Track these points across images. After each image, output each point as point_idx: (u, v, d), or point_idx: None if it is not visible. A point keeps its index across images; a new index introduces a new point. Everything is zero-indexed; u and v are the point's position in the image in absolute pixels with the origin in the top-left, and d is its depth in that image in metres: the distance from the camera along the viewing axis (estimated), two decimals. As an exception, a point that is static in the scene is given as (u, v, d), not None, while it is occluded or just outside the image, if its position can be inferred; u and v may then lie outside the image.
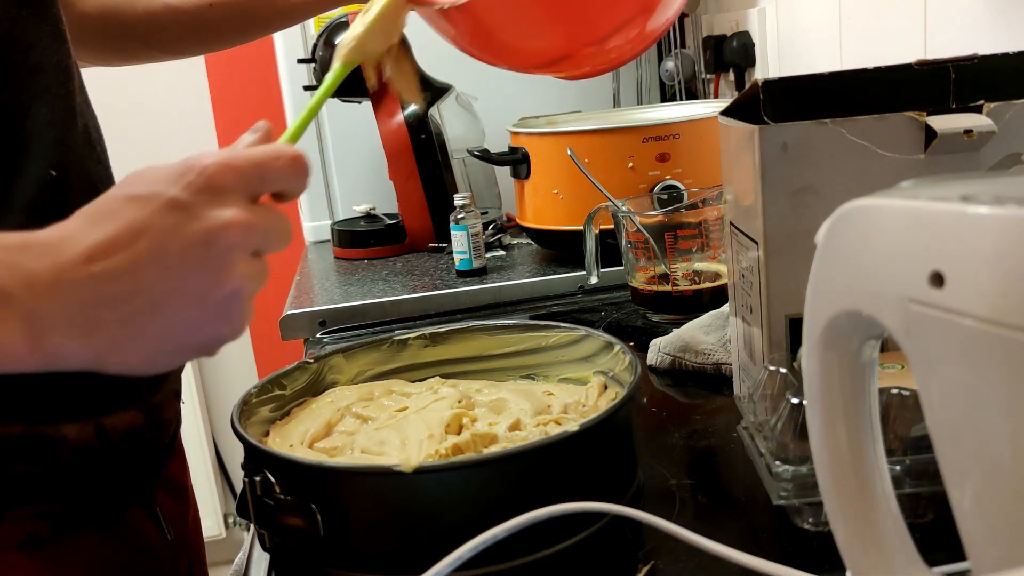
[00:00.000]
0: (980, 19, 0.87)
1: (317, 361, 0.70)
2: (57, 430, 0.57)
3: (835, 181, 0.58)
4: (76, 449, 0.58)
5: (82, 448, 0.58)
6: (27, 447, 0.56)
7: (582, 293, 1.15)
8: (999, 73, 0.60)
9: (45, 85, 0.56)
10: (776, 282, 0.60)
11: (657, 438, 0.70)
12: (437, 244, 1.41)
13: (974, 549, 0.32)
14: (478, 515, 0.49)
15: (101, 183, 0.61)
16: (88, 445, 0.58)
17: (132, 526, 0.64)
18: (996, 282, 0.28)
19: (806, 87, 0.61)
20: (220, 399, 2.43)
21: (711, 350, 0.82)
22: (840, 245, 0.35)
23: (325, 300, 1.18)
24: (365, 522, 0.52)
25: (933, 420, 0.32)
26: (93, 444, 0.59)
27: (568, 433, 0.51)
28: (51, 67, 0.56)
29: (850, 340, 0.37)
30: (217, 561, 2.55)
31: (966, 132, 0.56)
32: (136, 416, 0.62)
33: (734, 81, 1.48)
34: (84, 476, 0.59)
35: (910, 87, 0.60)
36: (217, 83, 2.23)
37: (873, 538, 0.38)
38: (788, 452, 0.53)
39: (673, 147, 1.13)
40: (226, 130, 2.28)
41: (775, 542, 0.55)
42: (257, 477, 0.54)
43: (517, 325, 0.74)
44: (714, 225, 0.96)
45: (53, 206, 0.55)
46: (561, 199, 1.19)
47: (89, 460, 0.59)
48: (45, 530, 0.57)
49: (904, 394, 0.51)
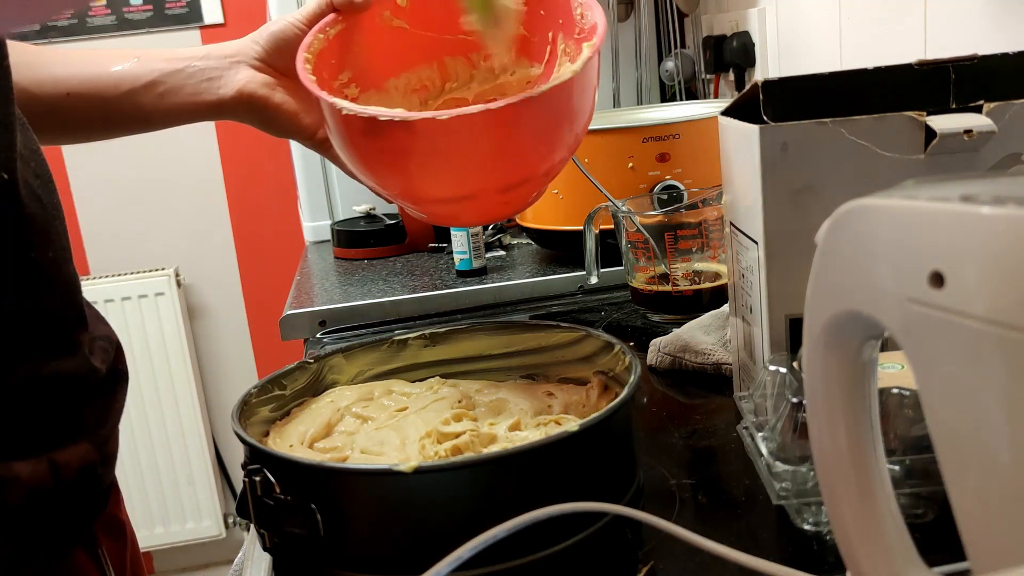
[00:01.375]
0: (980, 19, 0.87)
1: (317, 361, 0.70)
2: (8, 469, 0.54)
3: (835, 181, 0.58)
4: (29, 489, 0.55)
5: (36, 488, 0.55)
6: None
7: (582, 293, 1.15)
8: (999, 73, 0.60)
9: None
10: (776, 282, 0.60)
11: (657, 438, 0.70)
12: (437, 244, 1.41)
13: (974, 549, 0.32)
14: (478, 515, 0.49)
15: (44, 195, 0.58)
16: (42, 484, 0.55)
17: (76, 571, 0.61)
18: (996, 282, 0.28)
19: (806, 87, 0.61)
20: (220, 399, 2.44)
21: (711, 350, 0.82)
22: (840, 245, 0.35)
23: (325, 300, 1.18)
24: (365, 522, 0.52)
25: (933, 420, 0.32)
26: (47, 483, 0.56)
27: (568, 433, 0.51)
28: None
29: (850, 340, 0.37)
30: (217, 561, 2.57)
31: (966, 132, 0.56)
32: (88, 450, 0.60)
33: (734, 81, 1.48)
34: (35, 518, 0.56)
35: (910, 87, 0.60)
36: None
37: (873, 538, 0.38)
38: (788, 452, 0.54)
39: (673, 147, 1.13)
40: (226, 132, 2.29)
41: (775, 542, 0.55)
42: (257, 477, 0.54)
43: (517, 325, 0.74)
44: (714, 225, 0.96)
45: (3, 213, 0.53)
46: (561, 199, 1.19)
47: (42, 501, 0.56)
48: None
49: (904, 394, 0.51)
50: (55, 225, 0.59)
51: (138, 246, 2.32)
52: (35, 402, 0.56)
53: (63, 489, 0.57)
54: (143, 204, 2.29)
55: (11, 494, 0.54)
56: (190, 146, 2.29)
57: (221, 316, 2.42)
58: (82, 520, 0.62)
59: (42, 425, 0.57)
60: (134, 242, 2.31)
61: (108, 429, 0.63)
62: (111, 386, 0.64)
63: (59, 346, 0.59)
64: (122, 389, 0.66)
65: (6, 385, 0.54)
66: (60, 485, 0.57)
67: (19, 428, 0.55)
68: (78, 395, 0.60)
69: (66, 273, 0.60)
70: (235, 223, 2.36)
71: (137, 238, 2.31)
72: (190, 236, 2.35)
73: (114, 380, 0.65)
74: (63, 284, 0.59)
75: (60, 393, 0.58)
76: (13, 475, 0.54)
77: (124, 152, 2.24)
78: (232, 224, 2.36)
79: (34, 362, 0.56)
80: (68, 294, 0.60)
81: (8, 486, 0.54)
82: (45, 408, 0.57)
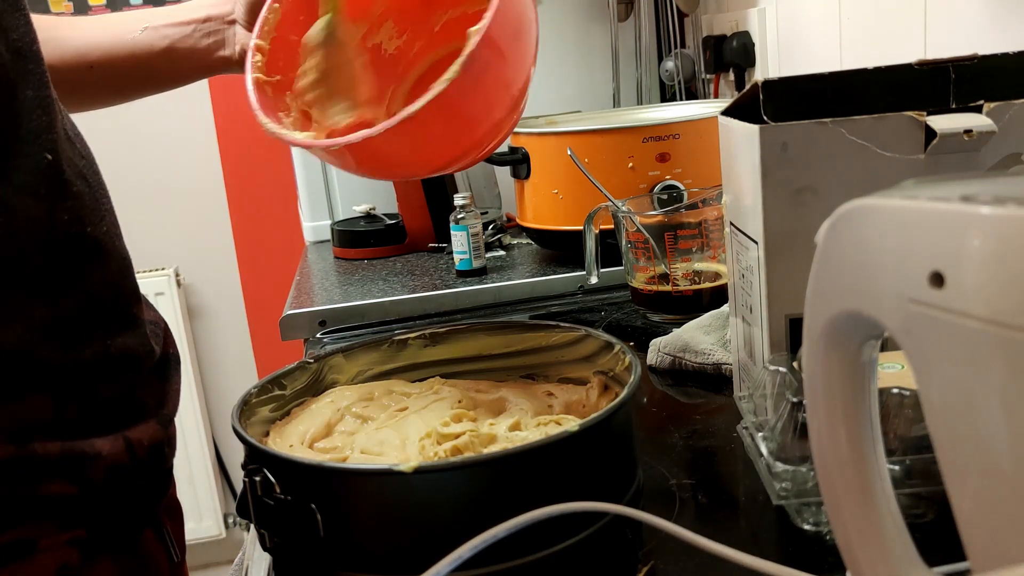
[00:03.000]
0: (980, 19, 0.87)
1: (317, 361, 0.70)
2: (91, 446, 0.56)
3: (835, 181, 0.58)
4: (109, 466, 0.57)
5: (114, 464, 0.57)
6: (64, 466, 0.54)
7: (582, 293, 1.15)
8: (999, 73, 0.60)
9: (29, 69, 0.55)
10: (776, 282, 0.60)
11: (657, 438, 0.70)
12: (437, 244, 1.41)
13: (974, 549, 0.32)
14: (478, 515, 0.49)
15: (89, 175, 0.60)
16: (119, 461, 0.57)
17: (145, 549, 0.63)
18: (996, 282, 0.28)
19: (806, 87, 0.61)
20: (220, 399, 2.44)
21: (711, 350, 0.82)
22: (840, 245, 0.35)
23: (325, 300, 1.18)
24: (365, 522, 0.52)
25: (933, 420, 0.32)
26: (124, 460, 0.58)
27: (568, 433, 0.51)
28: (31, 53, 0.55)
29: (850, 340, 0.37)
30: (217, 561, 2.57)
31: (966, 132, 0.56)
32: (156, 429, 0.61)
33: (734, 81, 1.48)
34: (113, 497, 0.58)
35: (910, 87, 0.60)
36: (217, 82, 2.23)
37: (873, 538, 0.38)
38: (788, 452, 0.53)
39: (673, 147, 1.13)
40: (225, 132, 2.29)
41: (775, 542, 0.55)
42: (257, 477, 0.54)
43: (517, 325, 0.74)
44: (714, 225, 0.96)
45: (51, 190, 0.55)
46: (561, 199, 1.19)
47: (120, 479, 0.58)
48: (75, 558, 0.55)
49: (904, 394, 0.51)
50: (102, 203, 0.61)
51: (138, 246, 2.31)
52: (107, 379, 0.58)
53: (138, 467, 0.59)
54: (143, 204, 2.29)
55: (94, 470, 0.56)
56: (190, 146, 2.29)
57: (221, 316, 2.42)
58: (152, 500, 0.64)
59: (114, 402, 0.58)
60: (134, 242, 2.29)
61: (169, 408, 0.65)
62: (165, 368, 0.66)
63: (122, 321, 0.61)
64: (176, 372, 0.68)
65: (83, 361, 0.56)
66: (135, 463, 0.59)
67: (96, 405, 0.57)
68: (140, 374, 0.62)
69: (120, 248, 0.62)
70: (235, 223, 2.36)
71: (137, 238, 2.30)
72: (190, 236, 2.34)
73: (166, 362, 0.67)
74: (119, 258, 0.61)
75: (126, 371, 0.60)
76: (96, 451, 0.56)
77: (124, 152, 2.24)
78: (232, 224, 2.36)
79: (103, 337, 0.58)
80: (124, 268, 0.62)
81: (91, 462, 0.56)
82: (115, 385, 0.59)
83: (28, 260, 0.54)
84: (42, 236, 0.54)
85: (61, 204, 0.55)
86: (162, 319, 0.70)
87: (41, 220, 0.54)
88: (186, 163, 2.30)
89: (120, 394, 0.59)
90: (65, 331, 0.55)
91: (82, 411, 0.56)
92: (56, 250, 0.55)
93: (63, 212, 0.56)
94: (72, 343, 0.56)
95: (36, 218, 0.54)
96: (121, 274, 0.61)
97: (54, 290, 0.55)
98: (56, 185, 0.55)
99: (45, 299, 0.54)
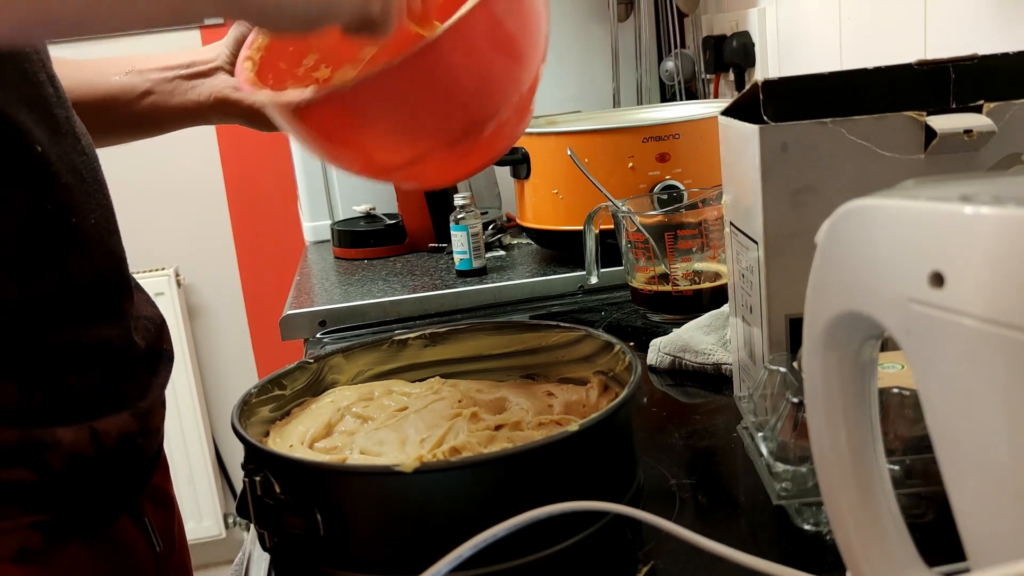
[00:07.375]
0: (980, 19, 0.87)
1: (317, 361, 0.70)
2: (52, 434, 0.56)
3: (835, 181, 0.58)
4: (71, 455, 0.57)
5: (76, 454, 0.57)
6: (22, 453, 0.55)
7: (582, 293, 1.15)
8: (999, 73, 0.60)
9: (19, 69, 0.56)
10: (776, 282, 0.60)
11: (657, 438, 0.70)
12: (437, 244, 1.41)
13: (974, 549, 0.32)
14: (478, 515, 0.49)
15: (85, 171, 0.61)
16: (82, 451, 0.58)
17: (121, 537, 0.63)
18: (996, 282, 0.28)
19: (806, 87, 0.61)
20: (220, 399, 2.43)
21: (711, 350, 0.82)
22: (840, 245, 0.35)
23: (325, 300, 1.18)
24: (365, 522, 0.52)
25: (933, 420, 0.32)
26: (87, 450, 0.58)
27: (568, 433, 0.51)
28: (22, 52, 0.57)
29: (850, 340, 0.37)
30: (217, 561, 2.57)
31: (966, 132, 0.56)
32: (128, 421, 0.62)
33: (734, 81, 1.48)
34: (77, 484, 0.58)
35: (910, 87, 0.60)
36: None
37: (873, 538, 0.38)
38: (788, 452, 0.53)
39: (673, 147, 1.13)
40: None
41: (775, 542, 0.55)
42: (257, 477, 0.54)
43: (517, 325, 0.74)
44: (714, 225, 0.96)
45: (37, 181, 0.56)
46: (561, 199, 1.19)
47: (83, 467, 0.58)
48: (37, 542, 0.56)
49: (904, 394, 0.51)
50: (96, 197, 0.62)
51: (138, 246, 2.31)
52: (76, 369, 0.58)
53: (104, 457, 0.59)
54: (143, 204, 2.29)
55: (53, 458, 0.56)
56: (190, 146, 2.29)
57: (221, 316, 2.42)
58: (126, 489, 0.64)
59: (83, 393, 0.59)
60: (134, 242, 2.29)
61: (149, 403, 0.65)
62: (153, 363, 0.67)
63: (103, 312, 0.61)
64: (166, 367, 0.68)
65: (50, 347, 0.57)
66: (101, 453, 0.59)
67: (61, 394, 0.57)
68: (117, 366, 0.62)
69: (111, 242, 0.63)
70: (235, 223, 2.36)
71: (137, 238, 2.30)
72: (190, 236, 2.34)
73: (156, 357, 0.67)
74: (108, 252, 0.62)
75: (100, 362, 0.60)
76: (56, 439, 0.56)
77: (124, 152, 2.24)
78: (232, 224, 2.36)
79: (78, 326, 0.59)
80: (114, 262, 0.63)
81: (50, 450, 0.56)
82: (86, 376, 0.59)
83: (6, 243, 0.55)
84: (22, 221, 0.55)
85: (46, 194, 0.57)
86: (160, 316, 0.70)
87: (21, 207, 0.55)
88: (186, 163, 2.30)
89: (92, 385, 0.59)
90: (36, 316, 0.56)
91: (48, 399, 0.56)
92: (37, 237, 0.56)
93: (47, 201, 0.57)
94: (43, 329, 0.56)
95: (17, 206, 0.55)
96: (110, 267, 0.62)
97: (30, 275, 0.56)
98: (42, 176, 0.57)
99: (20, 283, 0.55)
